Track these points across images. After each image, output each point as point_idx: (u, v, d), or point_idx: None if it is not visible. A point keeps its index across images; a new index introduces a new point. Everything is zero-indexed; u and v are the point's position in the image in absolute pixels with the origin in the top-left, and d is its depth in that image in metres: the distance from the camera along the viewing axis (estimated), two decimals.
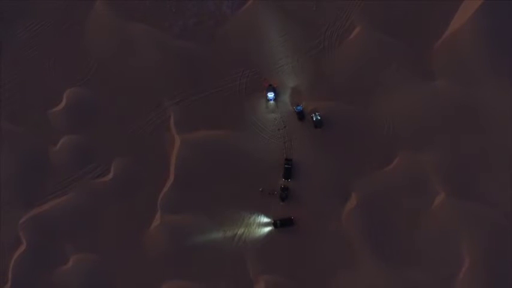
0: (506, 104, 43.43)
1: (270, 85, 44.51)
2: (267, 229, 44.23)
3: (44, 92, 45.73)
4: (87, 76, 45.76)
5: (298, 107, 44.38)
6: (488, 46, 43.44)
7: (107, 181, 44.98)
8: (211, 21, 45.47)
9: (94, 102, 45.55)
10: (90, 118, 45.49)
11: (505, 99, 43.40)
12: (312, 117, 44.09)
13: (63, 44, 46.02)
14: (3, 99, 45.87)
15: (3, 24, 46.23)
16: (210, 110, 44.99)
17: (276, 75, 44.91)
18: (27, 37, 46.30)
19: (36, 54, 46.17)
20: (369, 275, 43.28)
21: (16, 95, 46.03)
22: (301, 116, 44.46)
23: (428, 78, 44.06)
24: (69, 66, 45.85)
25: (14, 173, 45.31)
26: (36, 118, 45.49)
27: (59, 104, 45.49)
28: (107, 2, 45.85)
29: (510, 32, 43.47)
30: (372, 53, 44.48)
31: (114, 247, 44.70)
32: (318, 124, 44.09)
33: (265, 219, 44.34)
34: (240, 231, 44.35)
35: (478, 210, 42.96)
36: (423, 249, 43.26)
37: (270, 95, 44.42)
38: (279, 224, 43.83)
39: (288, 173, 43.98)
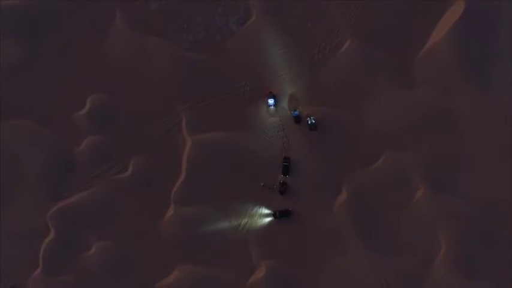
0: (480, 108, 46.56)
1: (271, 92, 47.61)
2: (268, 219, 47.24)
3: (69, 97, 48.69)
4: (107, 83, 48.70)
5: (295, 112, 47.34)
6: (463, 58, 46.68)
7: (126, 177, 48.07)
8: (219, 36, 48.62)
9: (114, 106, 48.60)
10: (110, 121, 48.53)
11: (479, 104, 46.56)
12: (308, 121, 47.12)
13: (86, 55, 49.00)
14: (35, 103, 48.74)
15: (35, 39, 49.24)
16: (217, 114, 48.00)
17: (275, 83, 47.96)
18: (56, 49, 49.19)
19: (63, 64, 49.05)
20: (358, 259, 46.36)
21: (46, 100, 48.87)
22: (298, 119, 47.50)
23: (411, 86, 47.21)
24: (91, 74, 48.90)
25: (43, 170, 48.25)
26: (63, 121, 48.50)
27: (83, 109, 48.63)
28: (125, 18, 48.92)
29: (483, 45, 46.82)
30: (361, 64, 47.57)
31: (132, 236, 47.69)
32: (312, 127, 47.18)
33: (266, 211, 47.33)
34: (244, 221, 47.36)
35: (453, 204, 46.17)
36: (405, 237, 46.31)
37: (271, 101, 47.54)
38: (278, 214, 46.98)
39: (286, 170, 47.10)
